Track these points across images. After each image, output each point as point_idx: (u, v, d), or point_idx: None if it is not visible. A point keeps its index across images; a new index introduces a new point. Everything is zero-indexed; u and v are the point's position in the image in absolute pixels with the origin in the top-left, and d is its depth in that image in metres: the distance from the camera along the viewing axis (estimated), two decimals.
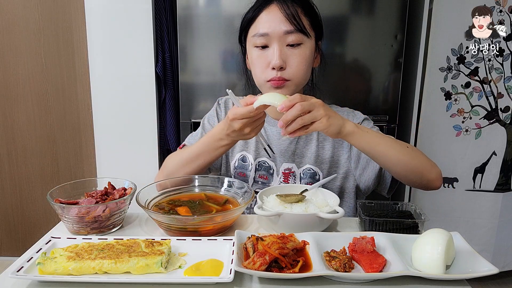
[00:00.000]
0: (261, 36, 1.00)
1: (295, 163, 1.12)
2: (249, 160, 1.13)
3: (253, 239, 0.71)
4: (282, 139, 1.12)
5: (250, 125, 0.89)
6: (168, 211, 0.88)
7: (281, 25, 0.99)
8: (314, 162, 1.11)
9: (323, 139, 1.12)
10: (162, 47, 2.01)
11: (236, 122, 0.88)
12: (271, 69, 1.00)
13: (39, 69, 2.18)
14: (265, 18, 1.01)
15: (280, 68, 0.99)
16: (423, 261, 0.67)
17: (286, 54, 1.00)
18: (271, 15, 1.00)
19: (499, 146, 2.04)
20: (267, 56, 1.01)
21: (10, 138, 2.27)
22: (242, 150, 1.15)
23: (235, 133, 0.92)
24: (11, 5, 2.10)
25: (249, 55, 1.08)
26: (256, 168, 1.13)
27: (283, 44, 1.00)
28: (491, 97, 1.99)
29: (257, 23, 1.02)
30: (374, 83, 1.92)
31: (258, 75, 1.05)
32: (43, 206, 2.37)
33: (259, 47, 1.02)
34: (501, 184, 2.08)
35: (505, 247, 2.18)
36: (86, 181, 0.96)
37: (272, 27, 0.99)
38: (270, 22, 0.99)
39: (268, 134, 1.14)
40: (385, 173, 1.07)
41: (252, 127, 0.90)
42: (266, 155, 1.11)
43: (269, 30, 0.99)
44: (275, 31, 0.99)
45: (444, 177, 2.08)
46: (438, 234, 0.68)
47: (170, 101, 2.07)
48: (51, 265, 0.66)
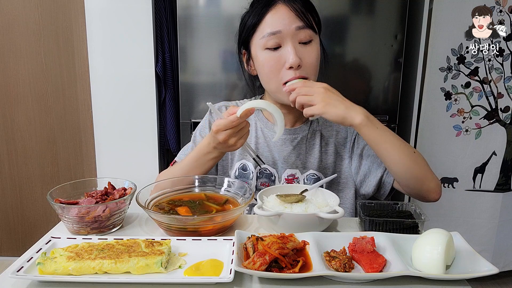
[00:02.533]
0: (272, 35, 0.96)
1: (298, 169, 1.10)
2: (250, 169, 1.11)
3: (253, 239, 0.71)
4: (285, 146, 1.11)
5: (234, 135, 0.90)
6: (168, 211, 0.88)
7: (292, 22, 0.96)
8: (317, 168, 1.10)
9: (326, 144, 1.12)
10: (162, 47, 2.01)
11: (220, 134, 0.89)
12: (288, 69, 0.97)
13: (39, 69, 2.18)
14: (273, 18, 0.97)
15: (297, 66, 0.97)
16: (423, 261, 0.67)
17: (300, 51, 0.97)
18: (279, 14, 0.97)
19: (499, 146, 2.04)
20: (280, 57, 0.97)
21: (10, 138, 2.27)
22: (242, 158, 1.13)
23: (221, 145, 0.92)
24: (11, 5, 2.10)
25: (256, 59, 1.03)
26: (257, 176, 1.11)
27: (295, 41, 0.97)
28: (491, 97, 1.99)
29: (264, 24, 0.98)
30: (374, 83, 1.92)
31: (272, 78, 1.00)
32: (43, 206, 2.37)
33: (270, 49, 0.98)
34: (501, 184, 2.08)
35: (505, 247, 2.18)
36: (86, 181, 0.96)
37: (283, 24, 0.96)
38: (280, 20, 0.96)
39: (268, 141, 1.12)
40: (385, 182, 1.06)
41: (236, 137, 0.91)
42: (267, 162, 1.11)
43: (280, 27, 0.96)
44: (287, 27, 0.96)
45: (444, 177, 2.08)
46: (438, 234, 0.68)
47: (170, 101, 2.08)
48: (51, 265, 0.66)
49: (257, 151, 1.12)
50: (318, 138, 1.12)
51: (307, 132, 1.12)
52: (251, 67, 1.08)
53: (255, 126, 1.15)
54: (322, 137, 1.12)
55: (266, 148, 1.12)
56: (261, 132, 1.14)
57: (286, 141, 1.11)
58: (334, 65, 1.88)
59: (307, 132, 1.12)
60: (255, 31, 1.00)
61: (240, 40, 1.07)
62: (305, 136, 1.12)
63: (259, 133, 1.14)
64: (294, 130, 1.12)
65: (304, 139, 1.11)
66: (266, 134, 1.13)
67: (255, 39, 1.01)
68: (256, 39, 1.00)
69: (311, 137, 1.12)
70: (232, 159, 1.14)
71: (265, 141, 1.13)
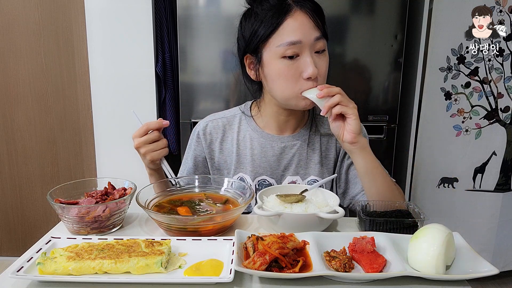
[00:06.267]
0: (292, 45, 0.93)
1: (299, 175, 1.09)
2: (247, 181, 1.09)
3: (253, 238, 0.71)
4: (284, 154, 1.09)
5: (145, 146, 0.96)
6: (168, 211, 0.88)
7: (312, 32, 0.93)
8: (318, 173, 1.09)
9: (326, 149, 1.11)
10: (162, 47, 2.01)
11: (134, 141, 0.97)
12: (305, 79, 0.94)
13: (39, 69, 2.18)
14: (293, 26, 0.93)
15: (315, 77, 0.95)
16: (419, 258, 0.66)
17: (315, 61, 0.94)
18: (299, 22, 0.93)
19: (499, 146, 2.04)
20: (298, 67, 0.94)
21: (10, 138, 2.27)
22: (239, 172, 1.10)
23: (140, 156, 0.99)
24: (11, 5, 2.10)
25: (269, 67, 0.97)
26: (256, 187, 1.09)
27: (312, 51, 0.95)
28: (491, 97, 1.99)
29: (283, 32, 0.93)
30: (374, 83, 1.92)
31: (289, 87, 0.96)
32: (43, 206, 2.37)
33: (286, 58, 0.94)
34: (501, 184, 2.08)
35: (505, 247, 2.18)
36: (86, 181, 0.96)
37: (303, 34, 0.93)
38: (300, 29, 0.93)
39: (265, 151, 1.09)
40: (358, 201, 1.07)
41: (147, 148, 0.96)
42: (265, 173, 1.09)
43: (301, 37, 0.92)
44: (307, 38, 0.93)
45: (444, 177, 2.08)
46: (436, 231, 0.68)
47: (170, 101, 2.07)
48: (51, 265, 0.66)
49: (254, 162, 1.09)
50: (318, 143, 1.10)
51: (307, 137, 1.10)
52: (258, 72, 1.02)
53: (250, 138, 1.11)
54: (323, 142, 1.11)
55: (264, 159, 1.09)
56: (256, 143, 1.10)
57: (286, 148, 1.09)
58: (334, 65, 1.88)
59: (308, 137, 1.10)
60: (270, 38, 0.95)
61: (249, 45, 1.00)
62: (305, 141, 1.10)
63: (255, 145, 1.10)
64: (292, 137, 1.10)
65: (304, 145, 1.10)
66: (263, 144, 1.09)
67: (270, 46, 0.95)
68: (272, 47, 0.95)
69: (311, 142, 1.10)
70: (228, 172, 1.12)
71: (261, 151, 1.09)
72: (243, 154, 1.10)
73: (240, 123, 1.13)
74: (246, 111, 1.14)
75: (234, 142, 1.11)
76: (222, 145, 1.13)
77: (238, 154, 1.10)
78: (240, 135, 1.12)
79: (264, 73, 1.00)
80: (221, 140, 1.13)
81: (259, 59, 0.99)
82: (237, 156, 1.10)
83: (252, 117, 1.13)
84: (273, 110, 1.07)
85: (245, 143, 1.11)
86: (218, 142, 1.13)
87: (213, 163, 1.14)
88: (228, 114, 1.16)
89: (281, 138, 1.09)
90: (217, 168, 1.14)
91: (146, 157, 0.97)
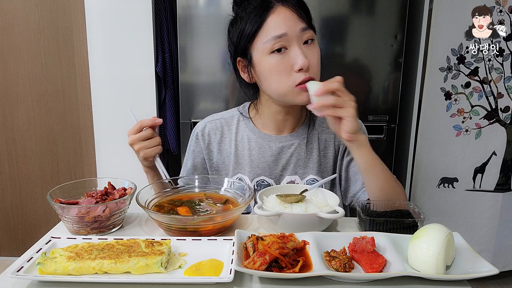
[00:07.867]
0: (278, 39, 0.93)
1: (297, 174, 1.09)
2: (245, 182, 1.09)
3: (253, 238, 0.71)
4: (282, 154, 1.09)
5: (139, 143, 0.97)
6: (168, 211, 0.88)
7: (296, 24, 0.94)
8: (317, 172, 1.09)
9: (325, 148, 1.11)
10: (162, 47, 2.01)
11: (129, 138, 0.97)
12: (297, 71, 0.94)
13: (39, 69, 2.18)
14: (276, 21, 0.94)
15: (307, 68, 0.95)
16: (419, 257, 0.66)
17: (306, 52, 0.94)
18: (282, 16, 0.94)
19: (499, 146, 2.04)
20: (288, 60, 0.94)
21: (10, 138, 2.27)
22: (237, 173, 1.11)
23: (136, 153, 0.99)
24: (11, 5, 2.10)
25: (260, 65, 0.98)
26: (254, 188, 1.09)
27: (300, 43, 0.95)
28: (491, 97, 1.99)
29: (267, 28, 0.94)
30: (374, 83, 1.92)
31: (283, 82, 0.96)
32: (43, 206, 2.37)
33: (275, 53, 0.94)
34: (501, 184, 2.08)
35: (505, 247, 2.18)
36: (86, 181, 0.96)
37: (288, 26, 0.93)
38: (284, 22, 0.94)
39: (264, 151, 1.09)
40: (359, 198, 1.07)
41: (141, 145, 0.97)
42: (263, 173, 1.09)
43: (286, 30, 0.93)
44: (292, 30, 0.93)
45: (444, 177, 2.08)
46: (436, 232, 0.68)
47: (170, 101, 2.08)
48: (51, 265, 0.66)
49: (252, 163, 1.09)
50: (316, 142, 1.10)
51: (305, 136, 1.10)
52: (251, 74, 1.03)
53: (248, 139, 1.11)
54: (321, 140, 1.11)
55: (262, 160, 1.09)
56: (254, 144, 1.10)
57: (284, 148, 1.09)
58: (334, 65, 1.89)
59: (306, 136, 1.10)
60: (256, 37, 0.96)
61: (238, 48, 1.01)
62: (304, 140, 1.10)
63: (253, 145, 1.10)
64: (290, 137, 1.10)
65: (302, 144, 1.09)
66: (261, 144, 1.09)
67: (257, 44, 0.97)
68: (259, 45, 0.96)
69: (309, 141, 1.10)
70: (226, 173, 1.12)
71: (259, 151, 1.09)
72: (241, 155, 1.10)
73: (238, 124, 1.13)
74: (244, 112, 1.14)
75: (232, 143, 1.11)
76: (221, 146, 1.13)
77: (236, 155, 1.11)
78: (238, 136, 1.12)
79: (257, 72, 1.00)
80: (219, 141, 1.13)
81: (250, 60, 1.00)
82: (235, 157, 1.10)
83: (250, 118, 1.13)
84: (271, 110, 1.07)
85: (243, 144, 1.11)
86: (217, 143, 1.13)
87: (211, 164, 1.14)
88: (227, 115, 1.16)
89: (279, 138, 1.09)
90: (215, 169, 1.14)
91: (139, 153, 0.98)
